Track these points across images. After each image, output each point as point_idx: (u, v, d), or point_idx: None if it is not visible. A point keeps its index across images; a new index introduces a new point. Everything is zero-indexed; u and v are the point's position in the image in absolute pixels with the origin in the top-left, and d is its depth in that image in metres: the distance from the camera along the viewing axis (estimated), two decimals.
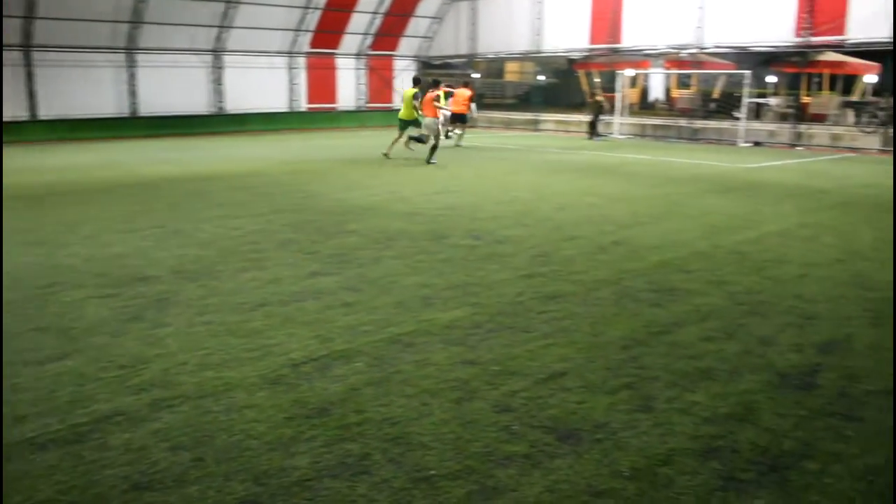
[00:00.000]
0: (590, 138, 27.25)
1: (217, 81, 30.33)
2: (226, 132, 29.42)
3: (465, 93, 23.57)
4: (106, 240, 9.27)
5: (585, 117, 29.54)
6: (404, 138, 19.78)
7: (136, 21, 27.11)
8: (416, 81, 20.45)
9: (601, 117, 27.70)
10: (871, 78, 30.39)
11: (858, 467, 3.80)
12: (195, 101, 29.87)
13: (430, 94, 18.62)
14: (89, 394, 4.63)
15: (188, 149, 22.63)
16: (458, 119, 23.59)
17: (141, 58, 28.04)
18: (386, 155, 19.47)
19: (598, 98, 27.94)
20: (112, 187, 14.06)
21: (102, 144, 24.30)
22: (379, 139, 25.81)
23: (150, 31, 27.66)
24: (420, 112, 18.75)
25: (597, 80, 36.18)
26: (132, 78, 27.96)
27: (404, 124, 19.72)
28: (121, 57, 27.66)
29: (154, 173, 16.42)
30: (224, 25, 29.46)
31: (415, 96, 19.26)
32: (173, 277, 7.47)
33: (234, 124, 30.12)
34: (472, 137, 27.37)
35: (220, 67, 30.30)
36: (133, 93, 28.03)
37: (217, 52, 30.10)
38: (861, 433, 4.17)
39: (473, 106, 24.33)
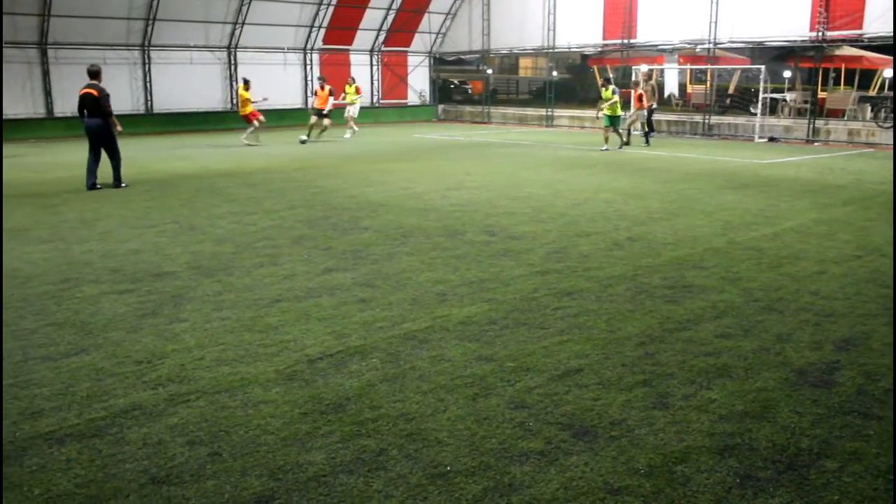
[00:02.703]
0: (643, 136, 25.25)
1: (231, 78, 30.41)
2: (240, 129, 29.43)
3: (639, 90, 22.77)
4: (121, 236, 9.32)
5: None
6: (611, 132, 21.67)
7: (150, 18, 27.22)
8: (608, 81, 22.89)
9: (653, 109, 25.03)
10: (889, 72, 30.11)
11: (878, 466, 3.77)
12: (209, 97, 29.99)
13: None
14: (106, 388, 4.65)
15: (202, 145, 22.71)
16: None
17: (155, 55, 28.19)
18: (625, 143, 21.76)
19: (653, 83, 25.42)
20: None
21: (118, 141, 24.37)
22: (393, 135, 25.84)
23: (163, 28, 27.78)
24: (633, 105, 22.64)
25: (610, 75, 36.06)
26: (146, 75, 28.10)
27: (612, 120, 21.38)
28: (135, 54, 27.82)
29: (168, 170, 16.50)
30: (238, 22, 29.54)
31: (613, 91, 21.27)
32: (189, 273, 7.50)
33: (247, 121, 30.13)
34: (485, 133, 27.35)
35: (233, 64, 30.37)
36: (147, 89, 28.18)
37: (231, 48, 30.18)
38: (881, 432, 4.13)
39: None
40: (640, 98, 22.66)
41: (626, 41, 29.48)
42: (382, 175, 15.34)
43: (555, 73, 37.93)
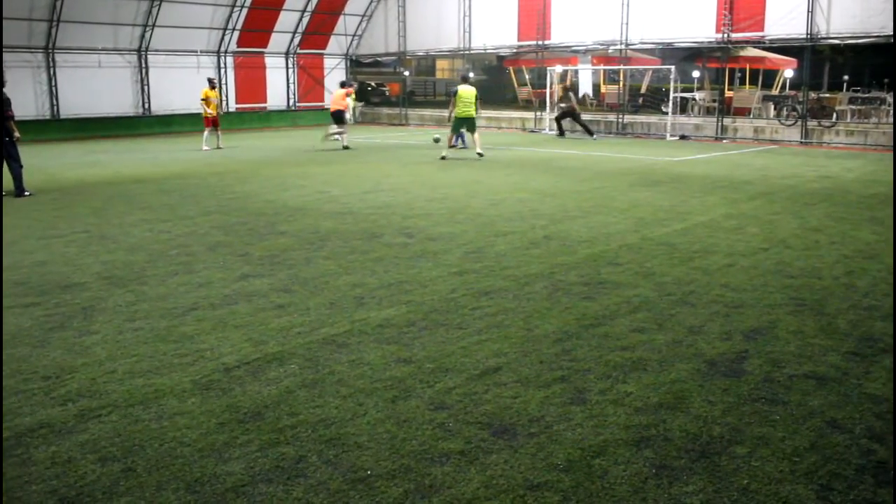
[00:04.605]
0: (559, 135, 26.46)
1: (142, 82, 29.64)
2: (152, 134, 28.78)
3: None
4: (26, 247, 8.97)
5: (521, 114, 29.55)
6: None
7: (54, 19, 26.29)
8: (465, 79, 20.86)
9: (568, 109, 26.48)
10: (789, 73, 31.37)
11: (784, 449, 3.91)
12: (120, 102, 29.14)
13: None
14: (11, 407, 4.47)
15: (113, 151, 22.06)
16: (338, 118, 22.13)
17: (60, 58, 27.23)
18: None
19: (567, 86, 26.87)
20: (32, 192, 13.60)
21: (22, 148, 23.48)
22: (310, 139, 25.57)
23: (69, 30, 26.85)
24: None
25: (527, 76, 36.54)
26: (52, 79, 27.14)
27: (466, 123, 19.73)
28: (38, 57, 26.83)
29: (78, 177, 15.98)
30: (149, 24, 28.81)
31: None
32: (100, 284, 7.27)
33: (160, 125, 29.47)
34: (403, 135, 27.33)
35: (145, 67, 29.60)
36: (53, 94, 27.22)
37: (142, 51, 29.41)
38: (786, 416, 4.30)
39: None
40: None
41: (540, 42, 29.88)
42: (299, 179, 15.18)
43: (471, 75, 38.16)
